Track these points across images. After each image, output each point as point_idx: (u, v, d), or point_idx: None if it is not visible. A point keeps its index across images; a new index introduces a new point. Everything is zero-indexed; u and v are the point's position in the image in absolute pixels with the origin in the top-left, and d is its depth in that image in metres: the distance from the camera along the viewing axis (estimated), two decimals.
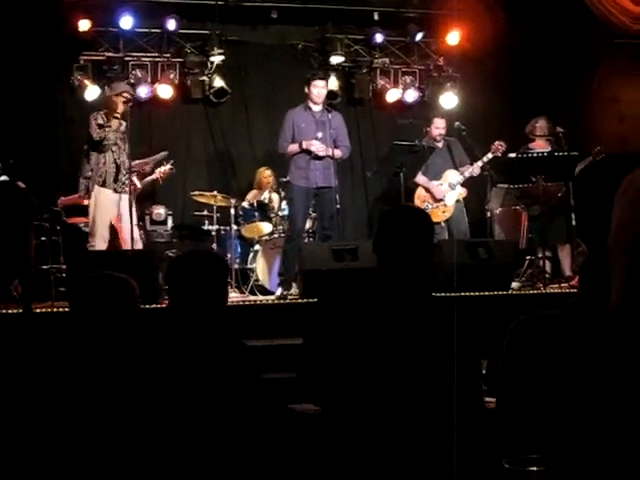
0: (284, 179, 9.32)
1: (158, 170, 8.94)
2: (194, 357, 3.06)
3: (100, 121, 8.25)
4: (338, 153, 8.48)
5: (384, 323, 2.98)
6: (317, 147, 8.34)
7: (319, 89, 8.53)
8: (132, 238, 7.97)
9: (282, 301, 8.15)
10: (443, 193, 9.38)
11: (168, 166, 9.02)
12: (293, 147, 8.43)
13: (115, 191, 8.30)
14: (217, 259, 3.37)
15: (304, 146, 8.34)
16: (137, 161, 8.68)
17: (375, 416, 2.90)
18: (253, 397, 3.08)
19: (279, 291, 8.47)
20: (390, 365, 2.92)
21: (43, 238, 8.44)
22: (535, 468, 2.95)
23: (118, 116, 8.32)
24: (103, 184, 8.28)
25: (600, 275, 1.34)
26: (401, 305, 3.01)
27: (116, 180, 8.30)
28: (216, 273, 3.24)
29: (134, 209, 8.30)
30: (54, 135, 10.27)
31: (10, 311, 6.98)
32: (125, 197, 8.29)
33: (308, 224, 9.39)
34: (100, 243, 8.22)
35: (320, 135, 8.39)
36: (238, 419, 3.01)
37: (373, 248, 3.11)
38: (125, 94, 8.44)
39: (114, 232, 8.40)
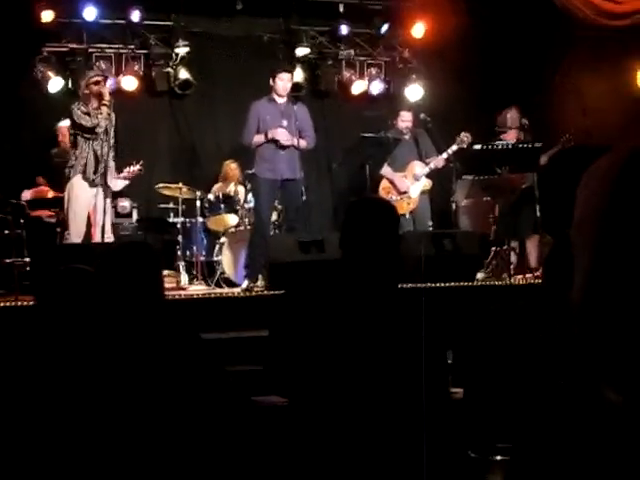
0: (249, 171, 9.30)
1: (126, 170, 8.88)
2: (127, 354, 3.00)
3: (84, 109, 8.13)
4: (303, 143, 8.48)
5: (350, 315, 2.99)
6: (282, 136, 8.33)
7: (285, 82, 8.54)
8: (103, 231, 7.90)
9: (248, 293, 8.14)
10: (406, 185, 9.40)
11: (137, 167, 8.97)
12: (258, 138, 8.41)
13: (92, 183, 8.18)
14: (146, 250, 3.22)
15: (270, 135, 8.33)
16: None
17: (342, 407, 2.91)
18: (214, 391, 3.04)
19: (245, 283, 8.45)
20: (356, 356, 2.93)
21: (6, 232, 8.35)
22: (500, 457, 2.97)
23: (107, 103, 8.19)
24: (83, 174, 8.15)
25: (563, 266, 1.34)
26: (367, 297, 3.01)
27: (95, 172, 8.18)
28: (145, 265, 3.12)
29: (109, 202, 8.23)
30: (18, 128, 10.15)
31: None
32: (101, 190, 8.18)
33: (274, 216, 9.39)
34: (74, 236, 8.10)
35: (285, 123, 8.39)
36: (200, 413, 2.98)
37: (339, 242, 3.11)
38: (92, 80, 8.35)
39: (88, 225, 8.30)
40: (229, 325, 6.96)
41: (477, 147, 8.89)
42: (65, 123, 9.50)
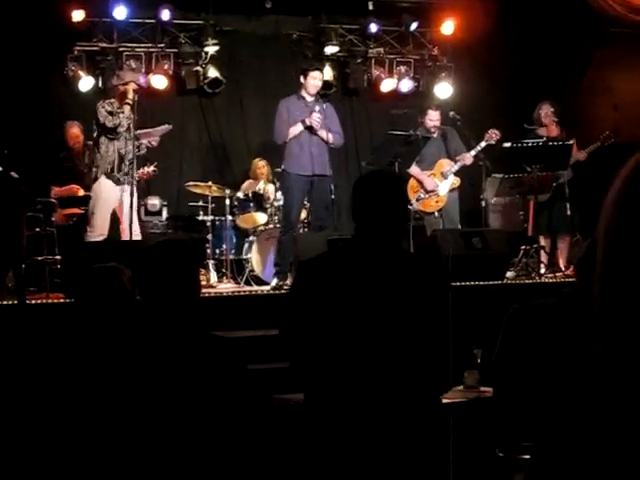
0: (279, 169, 9.32)
1: (140, 171, 8.83)
2: (165, 351, 2.98)
3: (108, 108, 8.18)
4: (331, 138, 8.47)
5: (360, 280, 3.03)
6: (315, 119, 8.34)
7: (316, 80, 8.54)
8: (131, 229, 7.94)
9: (277, 291, 8.15)
10: (434, 184, 9.36)
11: (152, 168, 8.98)
12: (294, 129, 8.41)
13: (117, 182, 8.24)
14: (185, 248, 3.18)
15: (307, 122, 8.34)
16: (140, 131, 8.58)
17: (366, 403, 2.91)
18: (234, 390, 3.03)
19: (274, 281, 8.46)
20: (367, 320, 2.97)
21: (37, 229, 8.41)
22: (527, 456, 2.96)
23: (130, 102, 8.22)
24: (108, 173, 8.20)
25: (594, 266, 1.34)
26: (375, 261, 3.07)
27: (119, 170, 8.24)
28: (184, 263, 3.09)
29: (135, 199, 8.25)
30: (48, 126, 10.23)
31: (4, 302, 6.97)
32: (127, 187, 8.23)
33: (303, 214, 9.39)
34: (96, 235, 8.16)
35: (317, 108, 8.39)
36: (220, 413, 2.98)
37: (352, 215, 3.20)
38: (132, 85, 8.39)
39: (116, 222, 8.35)
40: (258, 323, 6.97)
41: (507, 145, 8.85)
42: (73, 126, 9.57)
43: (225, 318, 6.76)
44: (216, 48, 10.62)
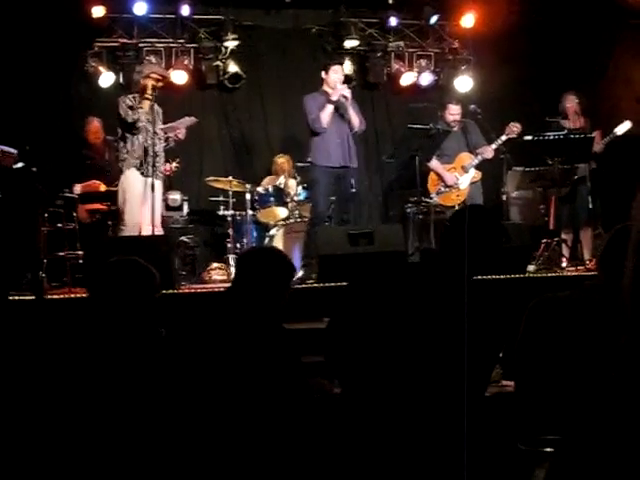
0: (300, 164, 9.28)
1: (164, 167, 8.84)
2: (240, 339, 3.24)
3: (129, 103, 8.16)
4: (356, 121, 8.47)
5: (415, 308, 3.01)
6: (345, 90, 8.35)
7: (338, 74, 8.53)
8: (153, 223, 7.94)
9: (299, 285, 8.13)
10: (454, 179, 9.33)
11: (174, 164, 8.99)
12: (324, 112, 8.39)
13: (142, 175, 8.23)
14: (288, 262, 3.70)
15: (334, 98, 8.32)
16: (163, 126, 8.55)
17: (397, 397, 2.91)
18: (294, 379, 3.16)
19: (301, 273, 8.45)
20: (417, 349, 2.95)
21: (59, 225, 8.45)
22: (550, 449, 2.94)
23: (149, 97, 8.20)
24: (135, 167, 8.19)
25: (620, 259, 1.32)
26: (439, 292, 3.05)
27: (145, 163, 8.21)
28: (284, 273, 3.59)
29: (160, 193, 8.24)
30: (69, 122, 10.27)
31: (24, 297, 6.99)
32: (150, 181, 8.20)
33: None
34: (130, 229, 8.12)
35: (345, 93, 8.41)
36: (279, 400, 3.07)
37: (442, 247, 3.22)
38: (153, 75, 8.35)
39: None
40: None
41: (528, 138, 8.80)
42: (93, 121, 9.58)
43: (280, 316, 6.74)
44: (236, 43, 10.64)
